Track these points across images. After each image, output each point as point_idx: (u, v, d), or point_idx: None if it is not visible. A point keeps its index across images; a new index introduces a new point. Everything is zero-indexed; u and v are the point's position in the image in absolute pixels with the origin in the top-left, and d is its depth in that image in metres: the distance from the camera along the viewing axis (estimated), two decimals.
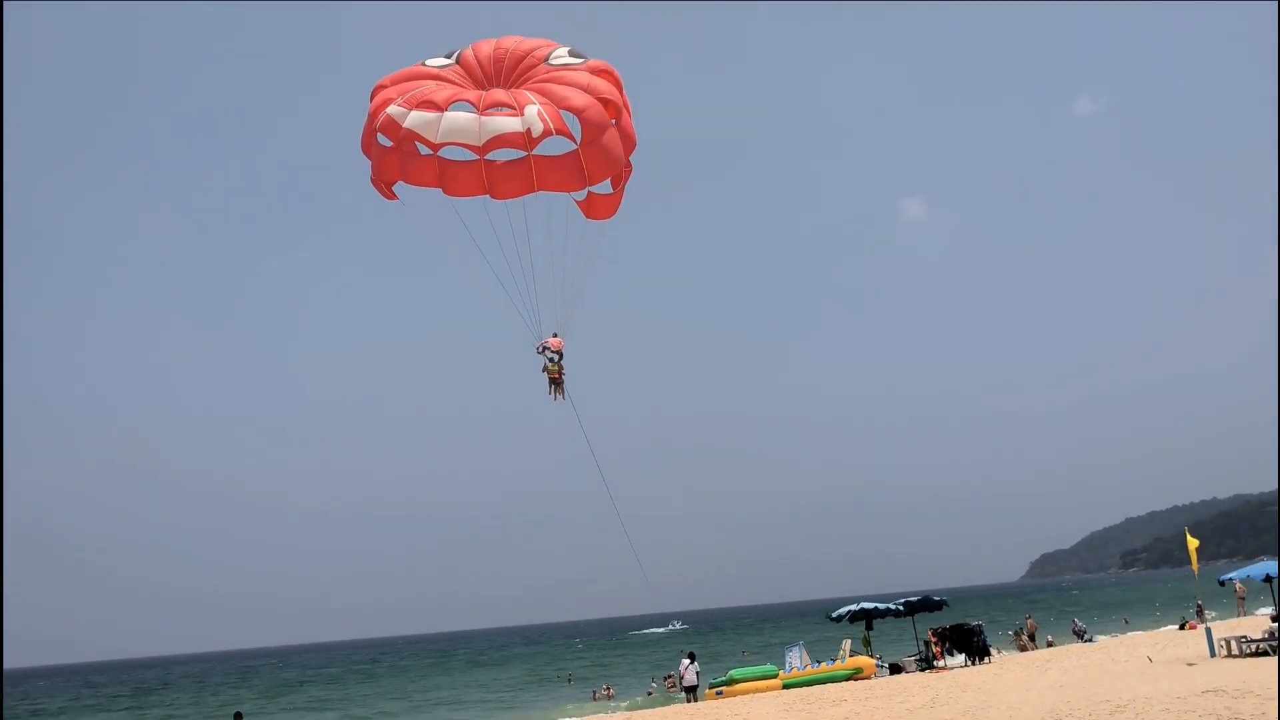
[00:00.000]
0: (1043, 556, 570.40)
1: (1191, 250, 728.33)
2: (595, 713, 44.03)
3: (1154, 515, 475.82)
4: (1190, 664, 28.49)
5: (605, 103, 15.97)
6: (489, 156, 15.55)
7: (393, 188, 16.71)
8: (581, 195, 16.48)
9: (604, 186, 16.67)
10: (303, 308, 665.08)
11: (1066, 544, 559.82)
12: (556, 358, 17.70)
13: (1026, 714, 20.41)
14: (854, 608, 42.83)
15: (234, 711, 30.16)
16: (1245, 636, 30.51)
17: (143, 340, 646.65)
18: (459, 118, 15.35)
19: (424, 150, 15.81)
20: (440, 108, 15.50)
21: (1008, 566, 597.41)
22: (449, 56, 16.78)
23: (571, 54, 16.63)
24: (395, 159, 16.11)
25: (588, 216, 16.95)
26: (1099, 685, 24.71)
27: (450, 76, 16.48)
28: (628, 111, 16.41)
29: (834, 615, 43.47)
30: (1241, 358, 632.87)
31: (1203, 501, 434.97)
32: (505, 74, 16.43)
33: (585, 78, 16.10)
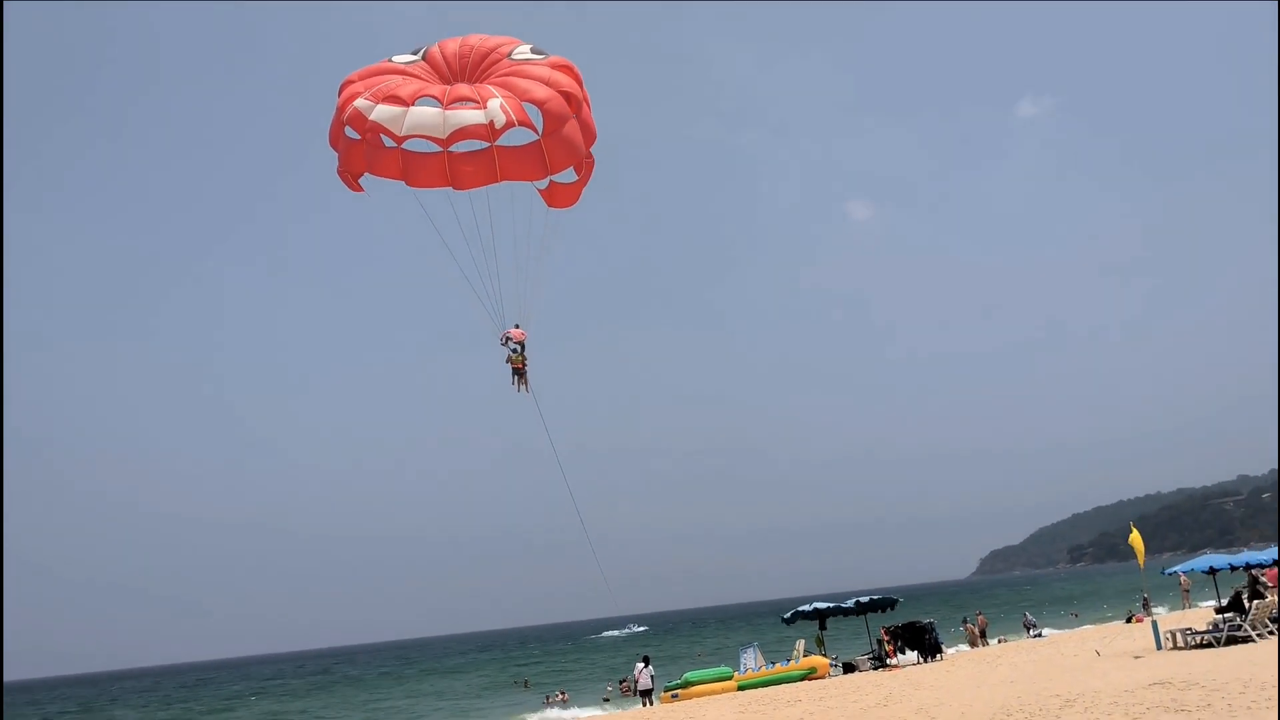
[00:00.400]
0: (992, 553, 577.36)
1: (1137, 249, 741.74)
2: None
3: (1100, 510, 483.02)
4: (1137, 657, 28.86)
5: (566, 96, 16.45)
6: (453, 148, 15.92)
7: (359, 179, 16.96)
8: (544, 184, 17.02)
9: (566, 175, 17.15)
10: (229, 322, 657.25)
11: (1015, 540, 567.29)
12: (519, 348, 18.04)
13: (978, 710, 20.56)
14: (807, 608, 42.99)
15: None
16: (1190, 629, 31.01)
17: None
18: (424, 112, 15.73)
19: (389, 143, 16.12)
20: (406, 102, 15.86)
21: (958, 564, 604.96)
22: (415, 53, 17.24)
23: (534, 51, 17.13)
24: (361, 151, 16.42)
25: (550, 205, 17.49)
26: (1048, 680, 24.98)
27: (416, 72, 16.89)
28: (587, 105, 16.94)
29: (787, 616, 43.60)
30: (1182, 358, 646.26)
31: (1147, 496, 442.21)
32: (470, 69, 16.89)
33: (546, 72, 16.59)
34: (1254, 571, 33.43)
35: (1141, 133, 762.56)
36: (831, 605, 42.98)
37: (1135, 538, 35.74)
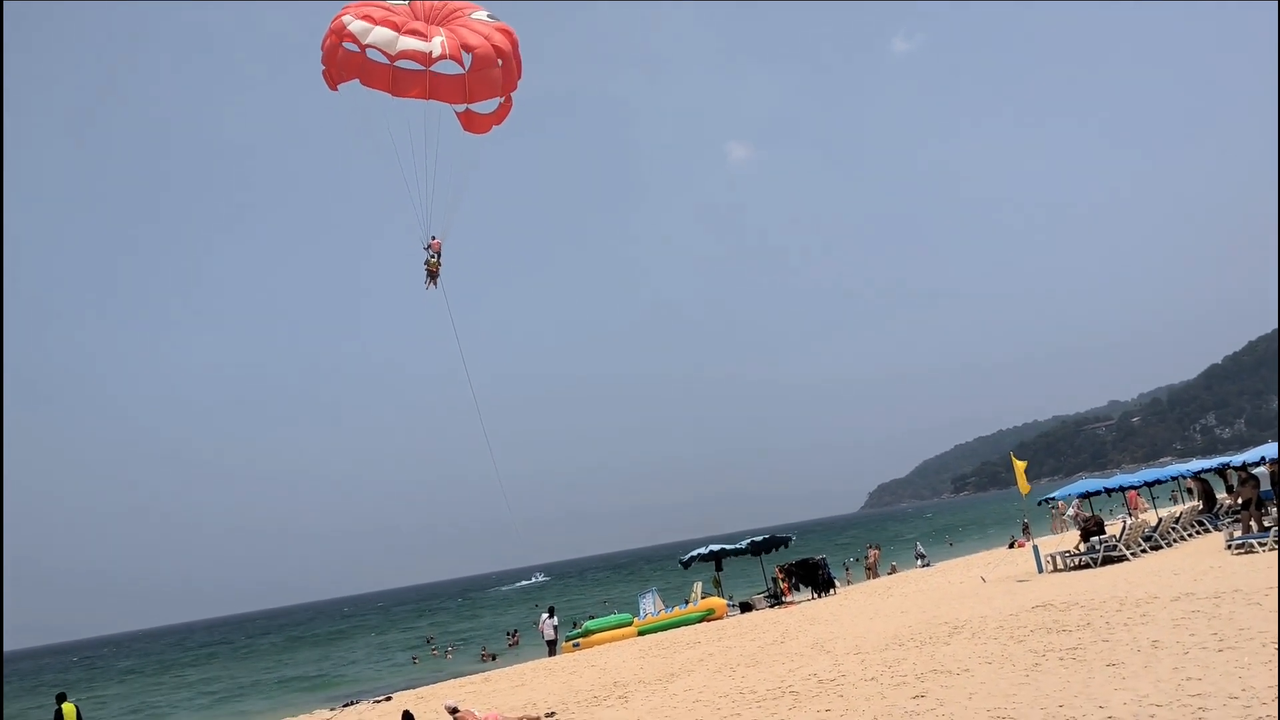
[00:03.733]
0: (879, 487, 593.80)
1: (1008, 184, 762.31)
2: (436, 675, 43.54)
3: (981, 440, 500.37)
4: (1020, 581, 29.91)
5: (495, 48, 20.46)
6: (398, 64, 19.88)
7: (335, 83, 20.71)
8: (461, 109, 20.96)
9: (482, 107, 21.13)
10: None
11: (901, 473, 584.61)
12: (436, 255, 21.83)
13: (871, 641, 21.04)
14: (703, 550, 43.47)
15: (57, 693, 28.85)
16: (1068, 551, 32.23)
17: None
18: (383, 31, 19.79)
19: (353, 48, 20.03)
20: (376, 22, 19.95)
21: (847, 498, 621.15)
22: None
23: (489, 16, 21.34)
24: (334, 54, 20.35)
25: (465, 129, 21.37)
26: (938, 608, 25.70)
27: (398, 9, 20.87)
28: (516, 62, 21.05)
29: (684, 559, 44.07)
30: (1063, 288, 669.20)
31: (1025, 424, 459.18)
32: (434, 17, 21.14)
33: (487, 29, 20.75)
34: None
35: (1009, 67, 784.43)
36: (727, 547, 43.52)
37: (1018, 464, 36.95)
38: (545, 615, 40.95)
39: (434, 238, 21.95)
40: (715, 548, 43.64)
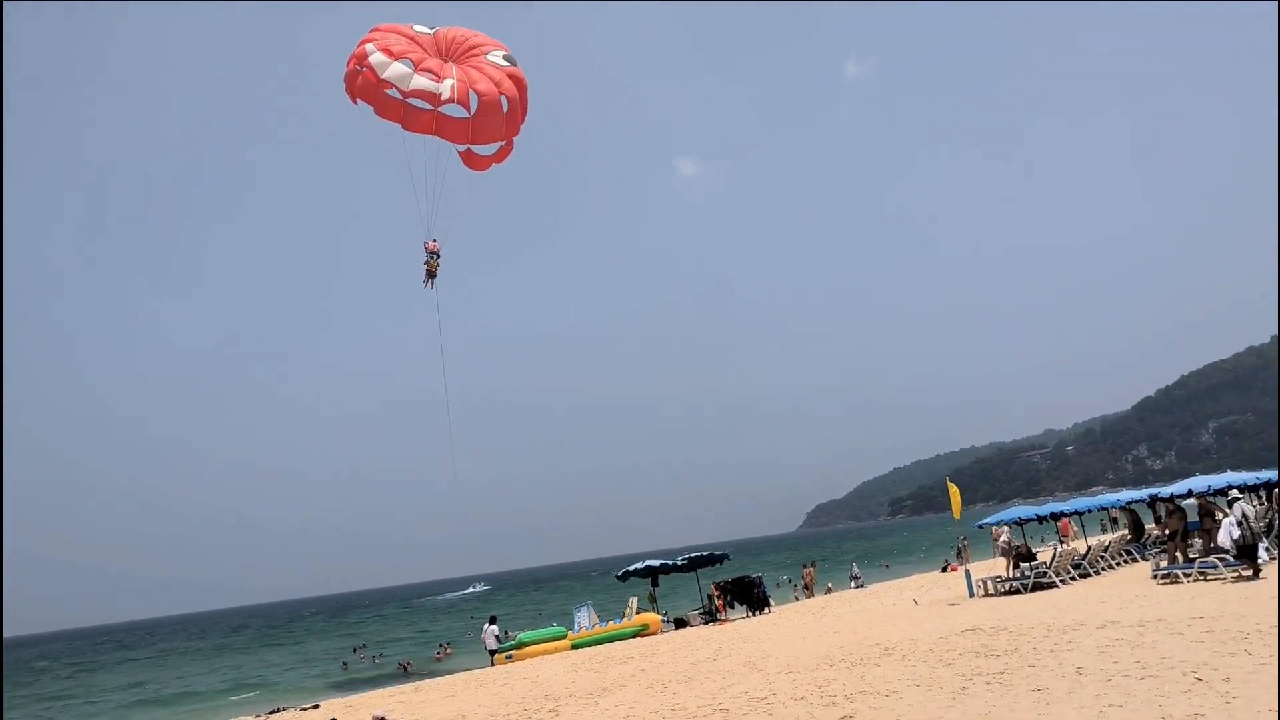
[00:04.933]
0: (817, 507, 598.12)
1: (953, 211, 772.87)
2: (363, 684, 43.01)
3: (918, 464, 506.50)
4: (952, 604, 30.18)
5: (503, 95, 22.02)
6: (409, 100, 21.36)
7: (355, 99, 22.03)
8: (463, 148, 22.51)
9: (483, 149, 22.68)
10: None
11: (839, 494, 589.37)
12: (435, 256, 23.28)
13: (803, 660, 21.13)
14: (640, 565, 43.42)
15: None
16: (1000, 576, 32.66)
17: None
18: (400, 68, 21.32)
19: (373, 80, 21.47)
20: (395, 57, 21.50)
21: (785, 518, 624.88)
22: (430, 29, 23.10)
23: (505, 58, 22.81)
24: (355, 79, 21.81)
25: (465, 165, 23.01)
26: (870, 629, 25.88)
27: (421, 40, 22.48)
28: (522, 108, 22.70)
29: (620, 574, 43.98)
30: (993, 322, 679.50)
31: (962, 450, 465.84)
32: (454, 51, 22.72)
33: (499, 74, 22.21)
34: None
35: (959, 93, 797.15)
36: (663, 563, 43.51)
37: (953, 490, 37.42)
38: (487, 624, 40.75)
39: (432, 240, 23.45)
40: (651, 563, 43.59)
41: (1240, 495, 27.05)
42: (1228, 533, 25.74)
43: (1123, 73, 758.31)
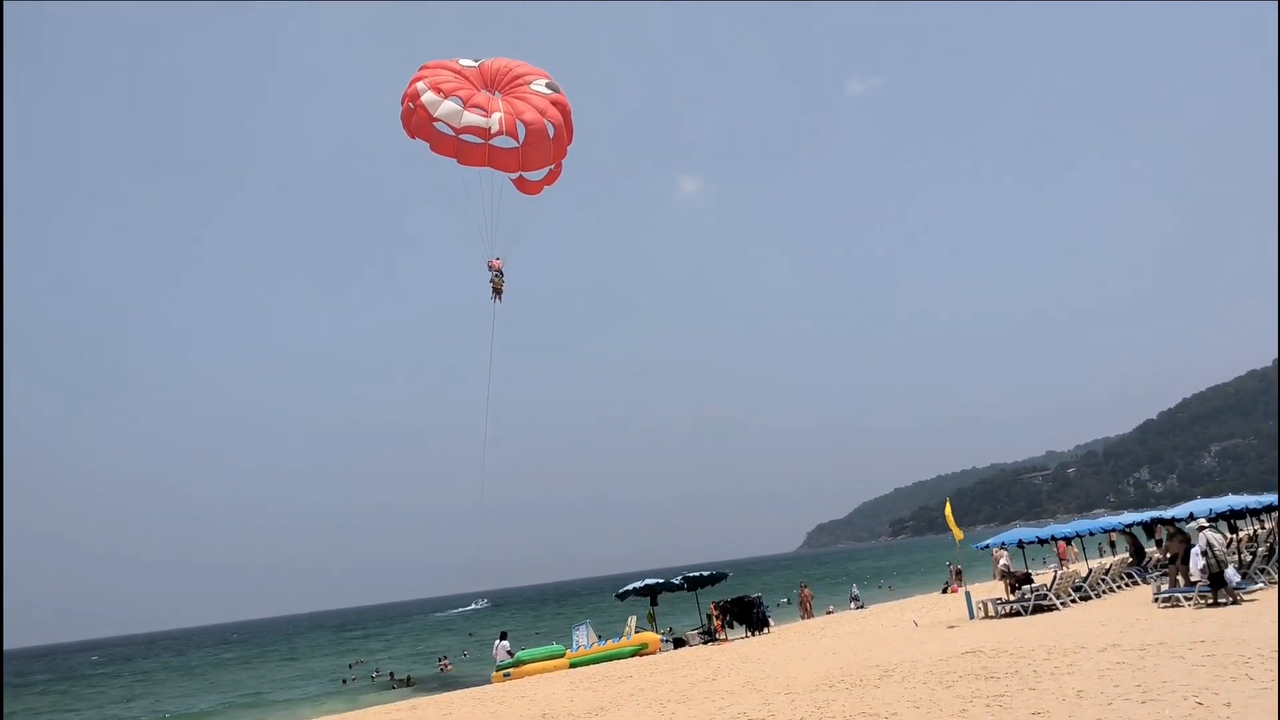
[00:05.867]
0: (818, 527, 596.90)
1: (965, 234, 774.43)
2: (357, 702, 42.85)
3: (920, 485, 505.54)
4: (951, 626, 30.08)
5: (549, 123, 23.58)
6: (461, 136, 22.95)
7: (411, 136, 23.57)
8: (515, 176, 24.09)
9: (533, 175, 24.27)
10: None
11: (840, 514, 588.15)
12: (498, 274, 24.91)
13: (803, 682, 21.03)
14: (639, 584, 43.28)
15: None
16: (1000, 599, 32.55)
17: None
18: (450, 105, 22.74)
19: (425, 117, 23.01)
20: (445, 95, 22.91)
21: (786, 538, 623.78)
22: (476, 61, 24.47)
23: (548, 85, 24.25)
24: (410, 117, 23.37)
25: (519, 190, 24.51)
26: (870, 651, 25.77)
27: (468, 74, 23.91)
28: (567, 132, 24.11)
29: (620, 593, 43.84)
30: (999, 345, 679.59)
31: (963, 471, 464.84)
32: (500, 82, 24.16)
33: (543, 102, 23.65)
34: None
35: (968, 112, 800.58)
36: (663, 581, 43.36)
37: (948, 512, 37.37)
38: (499, 639, 40.80)
39: (496, 258, 25.15)
40: (651, 581, 43.46)
41: (1207, 524, 27.09)
42: (1194, 562, 25.98)
43: (1129, 85, 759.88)
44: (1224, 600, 24.94)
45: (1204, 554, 25.45)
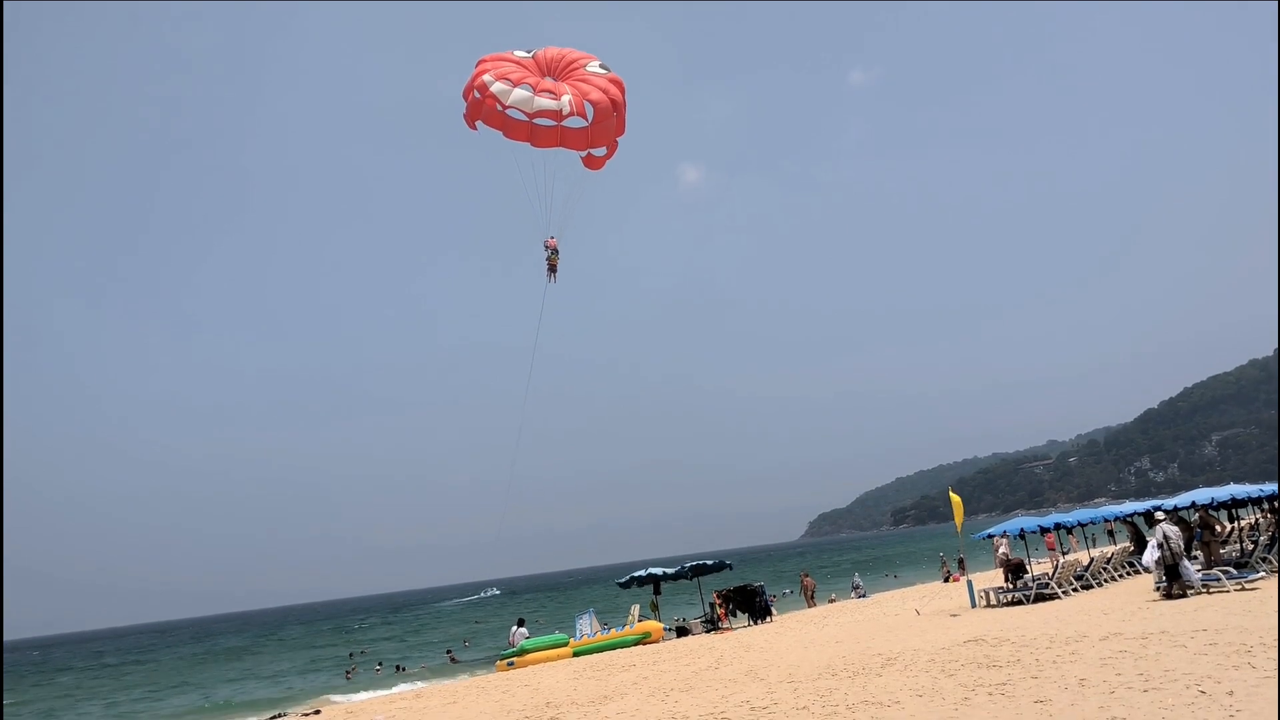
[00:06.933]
0: (820, 516, 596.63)
1: (966, 223, 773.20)
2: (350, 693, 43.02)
3: (921, 474, 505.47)
4: (954, 615, 30.19)
5: (612, 100, 24.90)
6: (535, 120, 24.20)
7: (475, 124, 24.74)
8: (584, 154, 25.54)
9: (599, 151, 25.67)
10: None
11: (842, 504, 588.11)
12: (553, 252, 25.88)
13: (805, 670, 21.12)
14: (643, 573, 43.42)
15: None
16: (1002, 587, 32.63)
17: None
18: (521, 93, 24.01)
19: (498, 107, 24.23)
20: (514, 83, 24.19)
21: (788, 527, 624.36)
22: (528, 51, 25.67)
23: (601, 66, 25.59)
24: (479, 107, 24.58)
25: (586, 167, 26.02)
26: (872, 639, 25.87)
27: (526, 64, 25.18)
28: (624, 107, 25.46)
29: (623, 581, 43.97)
30: (998, 333, 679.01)
31: (965, 460, 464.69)
32: (557, 69, 25.42)
33: (604, 83, 25.04)
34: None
35: (966, 102, 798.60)
36: (666, 570, 43.50)
37: (955, 500, 37.41)
38: (515, 626, 40.96)
39: (551, 237, 26.15)
40: (654, 570, 43.60)
41: (1164, 517, 27.29)
42: (1149, 555, 26.21)
43: (1130, 82, 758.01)
44: (1177, 593, 25.17)
45: (1160, 546, 25.63)
